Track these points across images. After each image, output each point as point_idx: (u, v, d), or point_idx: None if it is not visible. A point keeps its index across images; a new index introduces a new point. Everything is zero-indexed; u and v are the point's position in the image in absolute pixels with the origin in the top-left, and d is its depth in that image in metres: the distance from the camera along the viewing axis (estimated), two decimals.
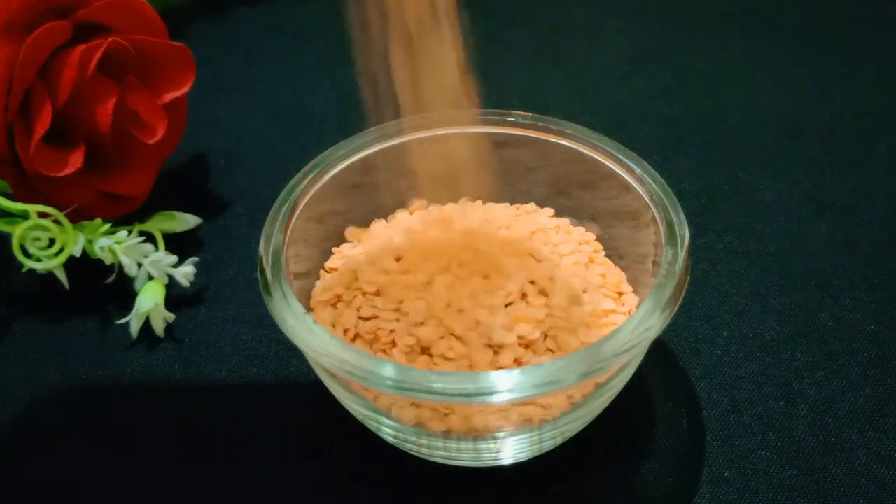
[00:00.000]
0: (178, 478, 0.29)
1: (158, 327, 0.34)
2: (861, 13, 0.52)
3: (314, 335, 0.25)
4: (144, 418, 0.31)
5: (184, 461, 0.30)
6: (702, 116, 0.44)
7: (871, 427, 0.30)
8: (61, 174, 0.33)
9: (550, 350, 0.26)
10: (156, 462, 0.30)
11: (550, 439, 0.27)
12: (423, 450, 0.27)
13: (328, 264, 0.31)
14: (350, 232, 0.32)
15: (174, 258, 0.35)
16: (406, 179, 0.32)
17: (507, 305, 0.27)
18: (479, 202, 0.32)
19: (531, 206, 0.32)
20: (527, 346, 0.26)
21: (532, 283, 0.27)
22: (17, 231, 0.33)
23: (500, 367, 0.25)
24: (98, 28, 0.35)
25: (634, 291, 0.30)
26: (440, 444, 0.26)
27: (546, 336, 0.26)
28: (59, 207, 0.33)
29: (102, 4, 0.34)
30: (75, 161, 0.34)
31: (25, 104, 0.33)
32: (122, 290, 0.35)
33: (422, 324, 0.26)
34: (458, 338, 0.26)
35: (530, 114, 0.32)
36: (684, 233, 0.27)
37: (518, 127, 0.32)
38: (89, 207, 0.35)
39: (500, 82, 0.48)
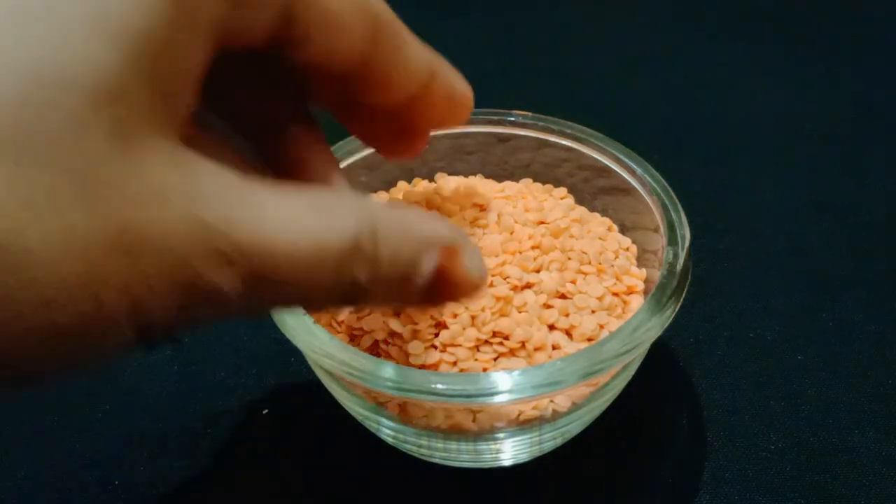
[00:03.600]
0: (178, 477, 0.29)
1: None
2: (861, 14, 0.52)
3: (314, 336, 0.24)
4: (144, 418, 0.31)
5: (183, 461, 0.30)
6: (702, 116, 0.44)
7: (872, 428, 0.30)
8: None
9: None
10: (155, 462, 0.30)
11: (550, 440, 0.27)
12: (423, 450, 0.27)
13: None
14: None
15: None
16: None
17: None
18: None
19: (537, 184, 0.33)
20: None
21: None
22: None
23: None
24: None
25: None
26: (440, 445, 0.26)
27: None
28: None
29: None
30: None
31: None
32: None
33: None
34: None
35: (530, 113, 0.32)
36: (685, 233, 0.27)
37: (518, 127, 0.32)
38: None
39: (500, 82, 0.48)
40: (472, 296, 0.21)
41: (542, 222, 0.28)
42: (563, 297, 0.26)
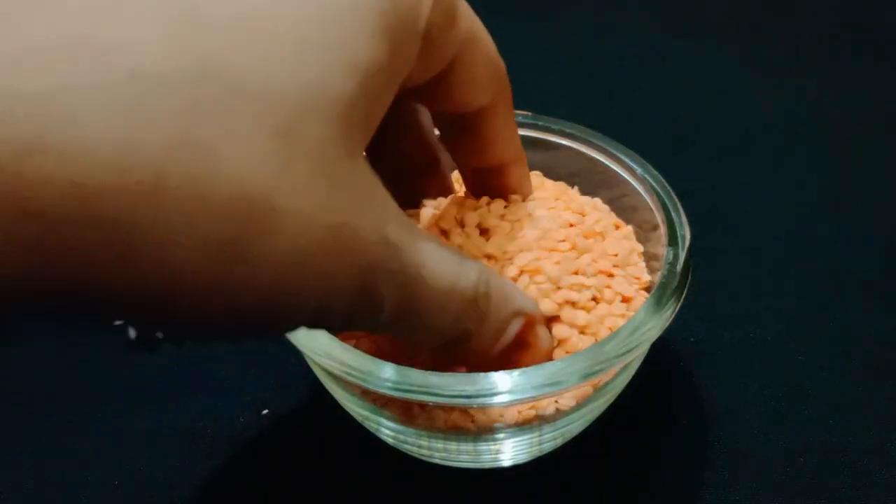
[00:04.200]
0: (178, 478, 0.29)
1: None
2: (862, 13, 0.51)
3: (313, 336, 0.24)
4: (144, 418, 0.31)
5: (183, 461, 0.30)
6: (702, 116, 0.44)
7: (874, 428, 0.30)
8: None
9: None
10: (155, 462, 0.30)
11: (550, 440, 0.27)
12: (423, 451, 0.27)
13: None
14: None
15: None
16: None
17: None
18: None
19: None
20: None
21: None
22: None
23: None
24: None
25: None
26: (440, 446, 0.26)
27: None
28: None
29: None
30: None
31: None
32: None
33: None
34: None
35: (531, 113, 0.32)
36: (685, 233, 0.27)
37: (519, 127, 0.31)
38: None
39: None
40: (539, 361, 0.24)
41: (573, 224, 0.28)
42: (594, 299, 0.26)
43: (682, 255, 0.26)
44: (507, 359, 0.23)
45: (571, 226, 0.27)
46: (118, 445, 0.31)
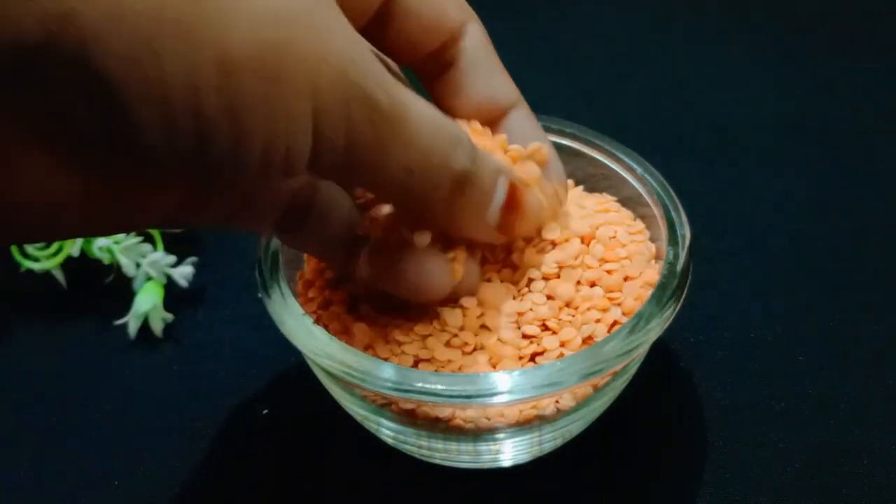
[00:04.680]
0: (178, 478, 0.29)
1: (157, 328, 0.34)
2: (861, 12, 0.51)
3: (312, 336, 0.24)
4: (144, 418, 0.31)
5: (184, 461, 0.30)
6: (702, 116, 0.44)
7: (874, 428, 0.30)
8: None
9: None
10: (155, 462, 0.30)
11: (550, 440, 0.27)
12: (423, 451, 0.27)
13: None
14: None
15: (172, 258, 0.35)
16: None
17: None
18: None
19: None
20: None
21: None
22: None
23: None
24: None
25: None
26: (440, 446, 0.26)
27: None
28: None
29: None
30: None
31: None
32: (121, 290, 0.35)
33: None
34: None
35: None
36: (685, 232, 0.27)
37: None
38: None
39: None
40: (532, 226, 0.25)
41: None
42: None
43: (682, 255, 0.26)
44: (502, 226, 0.23)
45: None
46: (118, 445, 0.31)
